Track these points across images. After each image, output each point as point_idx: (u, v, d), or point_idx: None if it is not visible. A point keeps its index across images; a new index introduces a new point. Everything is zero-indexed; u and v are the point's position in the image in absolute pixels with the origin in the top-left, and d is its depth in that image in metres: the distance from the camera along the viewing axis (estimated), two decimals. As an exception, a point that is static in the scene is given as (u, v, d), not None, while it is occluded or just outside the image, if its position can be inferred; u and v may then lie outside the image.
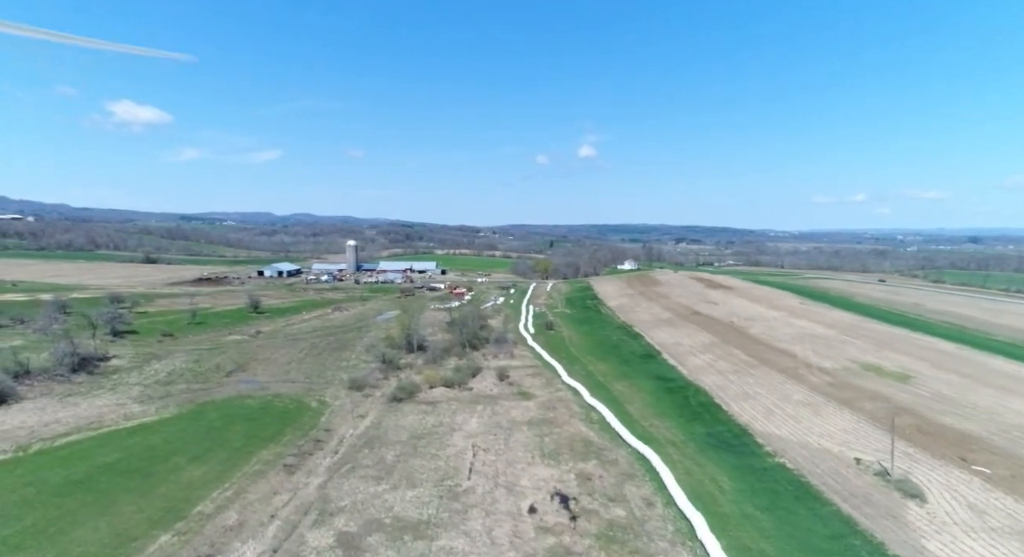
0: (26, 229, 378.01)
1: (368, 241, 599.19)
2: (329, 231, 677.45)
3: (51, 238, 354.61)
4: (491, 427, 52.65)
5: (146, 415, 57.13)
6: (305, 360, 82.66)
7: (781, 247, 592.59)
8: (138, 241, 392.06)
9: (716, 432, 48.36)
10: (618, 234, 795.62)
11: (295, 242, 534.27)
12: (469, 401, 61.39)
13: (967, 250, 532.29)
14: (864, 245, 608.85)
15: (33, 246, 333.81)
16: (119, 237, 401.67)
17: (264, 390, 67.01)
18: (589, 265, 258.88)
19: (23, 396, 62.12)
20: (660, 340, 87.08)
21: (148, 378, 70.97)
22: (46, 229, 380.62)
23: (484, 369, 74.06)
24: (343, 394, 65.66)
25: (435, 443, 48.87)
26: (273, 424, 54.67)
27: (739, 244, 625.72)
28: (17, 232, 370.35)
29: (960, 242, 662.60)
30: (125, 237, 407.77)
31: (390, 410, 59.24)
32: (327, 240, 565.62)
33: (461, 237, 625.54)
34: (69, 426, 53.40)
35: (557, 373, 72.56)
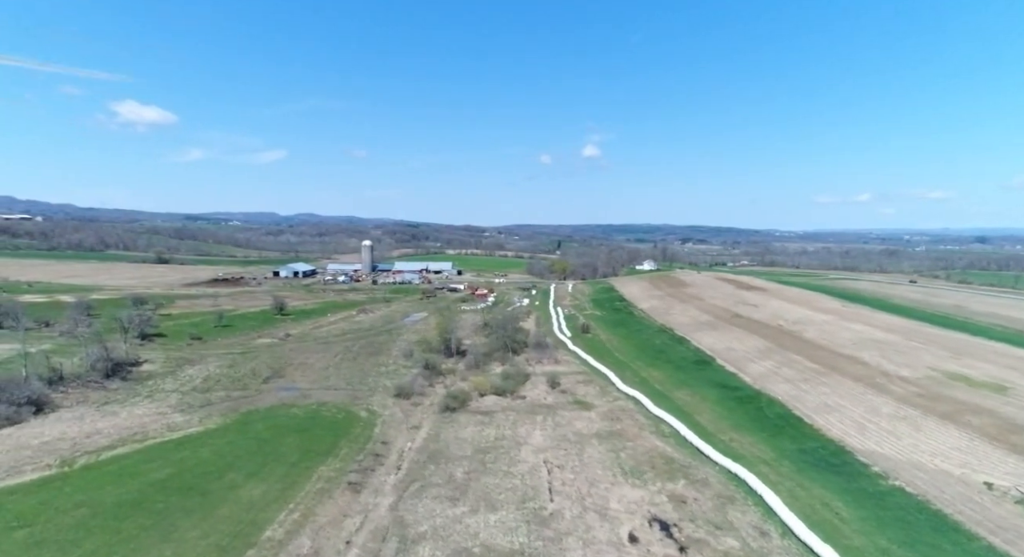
0: (36, 229, 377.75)
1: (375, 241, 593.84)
2: (335, 231, 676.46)
3: (61, 238, 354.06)
4: (558, 441, 49.51)
5: (190, 426, 54.35)
6: (342, 365, 79.82)
7: (788, 247, 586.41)
8: (147, 241, 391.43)
9: (808, 448, 45.09)
10: (622, 234, 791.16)
11: (301, 242, 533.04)
12: (526, 411, 58.27)
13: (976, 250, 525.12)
14: (871, 245, 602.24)
15: (43, 246, 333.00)
16: (128, 237, 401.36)
17: (307, 398, 64.16)
18: (607, 266, 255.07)
19: (59, 404, 59.54)
20: (709, 345, 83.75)
21: (184, 385, 68.29)
22: (56, 229, 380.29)
23: (532, 375, 70.93)
24: (390, 402, 62.71)
25: (503, 458, 45.77)
26: (326, 436, 51.75)
27: (745, 244, 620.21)
28: (27, 232, 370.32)
29: (967, 242, 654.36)
30: (134, 237, 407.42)
31: (444, 420, 56.22)
32: (333, 240, 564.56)
33: (468, 237, 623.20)
34: (112, 438, 50.68)
35: (610, 380, 69.36)
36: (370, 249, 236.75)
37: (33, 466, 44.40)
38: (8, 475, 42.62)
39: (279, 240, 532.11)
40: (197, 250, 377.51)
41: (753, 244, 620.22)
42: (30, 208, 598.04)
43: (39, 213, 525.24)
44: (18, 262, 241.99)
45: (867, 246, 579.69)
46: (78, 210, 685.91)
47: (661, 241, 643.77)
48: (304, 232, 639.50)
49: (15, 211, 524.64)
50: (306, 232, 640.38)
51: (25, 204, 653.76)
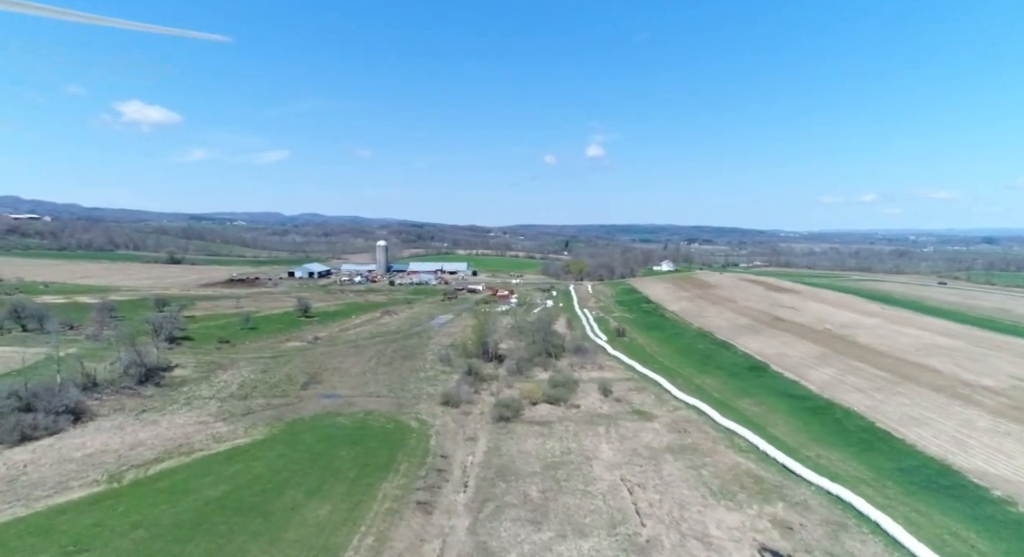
0: (45, 229, 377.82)
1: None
2: (340, 231, 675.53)
3: (71, 238, 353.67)
4: (629, 455, 46.60)
5: (236, 436, 51.74)
6: (378, 371, 77.16)
7: (795, 247, 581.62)
8: (156, 241, 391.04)
9: (909, 467, 41.97)
10: (627, 234, 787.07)
11: (307, 242, 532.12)
12: (584, 421, 55.38)
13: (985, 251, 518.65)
14: (878, 246, 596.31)
15: (54, 246, 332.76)
16: (138, 237, 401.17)
17: (351, 406, 61.48)
18: (624, 266, 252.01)
19: (96, 412, 57.06)
20: (757, 350, 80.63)
21: (221, 391, 65.77)
22: (65, 229, 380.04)
23: (580, 383, 68.05)
24: (439, 411, 59.95)
25: (576, 475, 42.89)
26: (380, 449, 49.03)
27: (752, 245, 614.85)
28: (37, 232, 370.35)
29: (975, 242, 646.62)
30: (143, 237, 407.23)
31: (501, 431, 53.40)
32: (339, 240, 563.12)
33: (473, 237, 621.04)
34: (157, 450, 48.13)
35: (663, 388, 66.42)
36: (384, 250, 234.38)
37: (80, 482, 41.89)
38: (56, 492, 40.13)
39: (285, 240, 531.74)
40: (206, 250, 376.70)
41: (759, 245, 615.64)
42: (35, 208, 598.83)
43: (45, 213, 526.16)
44: (30, 262, 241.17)
45: (874, 247, 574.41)
46: (83, 210, 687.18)
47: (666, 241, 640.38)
48: (309, 232, 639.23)
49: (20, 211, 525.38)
50: (311, 232, 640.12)
51: (30, 204, 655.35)
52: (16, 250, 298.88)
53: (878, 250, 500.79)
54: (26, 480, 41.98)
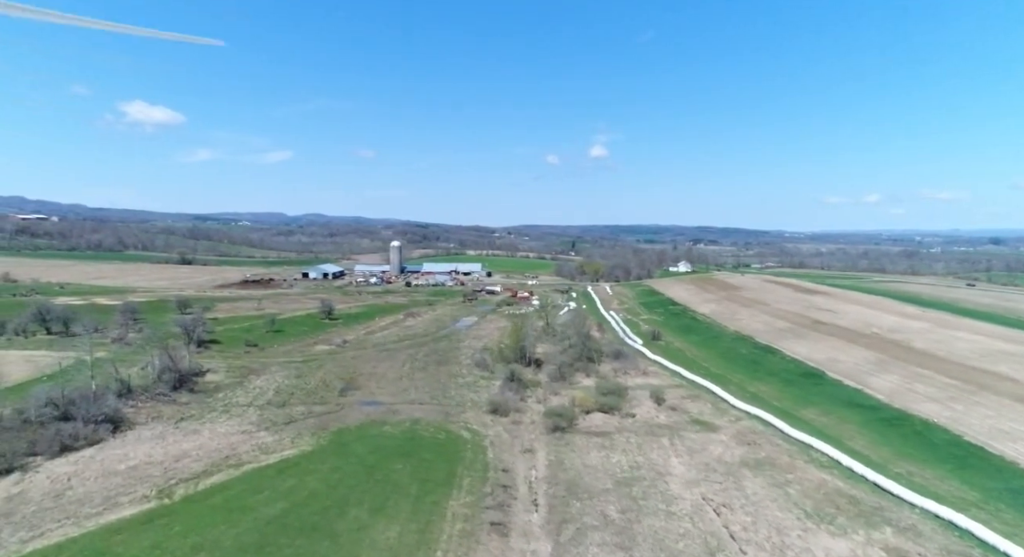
0: (54, 229, 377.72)
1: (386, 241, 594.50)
2: (345, 231, 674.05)
3: (79, 238, 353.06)
4: (704, 471, 43.93)
5: (283, 447, 49.38)
6: (415, 376, 74.73)
7: (802, 248, 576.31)
8: (165, 242, 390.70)
9: (1019, 488, 39.10)
10: (631, 235, 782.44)
11: (313, 242, 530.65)
12: (644, 432, 52.73)
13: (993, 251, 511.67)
14: (883, 246, 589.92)
15: (63, 246, 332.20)
16: (146, 238, 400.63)
17: (395, 414, 59.04)
18: (639, 267, 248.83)
19: (133, 420, 54.87)
20: (806, 355, 77.75)
21: (258, 398, 63.46)
22: (73, 229, 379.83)
23: (628, 389, 65.38)
24: (488, 420, 57.40)
25: (653, 493, 40.26)
26: (438, 462, 46.56)
27: (757, 245, 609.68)
28: (46, 232, 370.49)
29: (982, 243, 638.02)
30: (151, 238, 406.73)
31: (558, 443, 50.81)
32: (345, 240, 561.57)
33: (479, 238, 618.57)
34: (204, 462, 45.82)
35: (717, 396, 63.69)
36: (399, 250, 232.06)
37: (129, 497, 39.59)
38: (105, 508, 37.84)
39: (291, 240, 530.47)
40: (214, 251, 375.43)
41: (765, 245, 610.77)
42: (40, 208, 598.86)
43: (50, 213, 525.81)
44: (42, 262, 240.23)
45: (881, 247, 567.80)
46: (88, 210, 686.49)
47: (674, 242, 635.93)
48: (315, 232, 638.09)
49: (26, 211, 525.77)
50: (316, 232, 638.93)
51: (35, 204, 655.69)
52: (26, 250, 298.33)
53: (886, 251, 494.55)
54: (72, 495, 39.75)
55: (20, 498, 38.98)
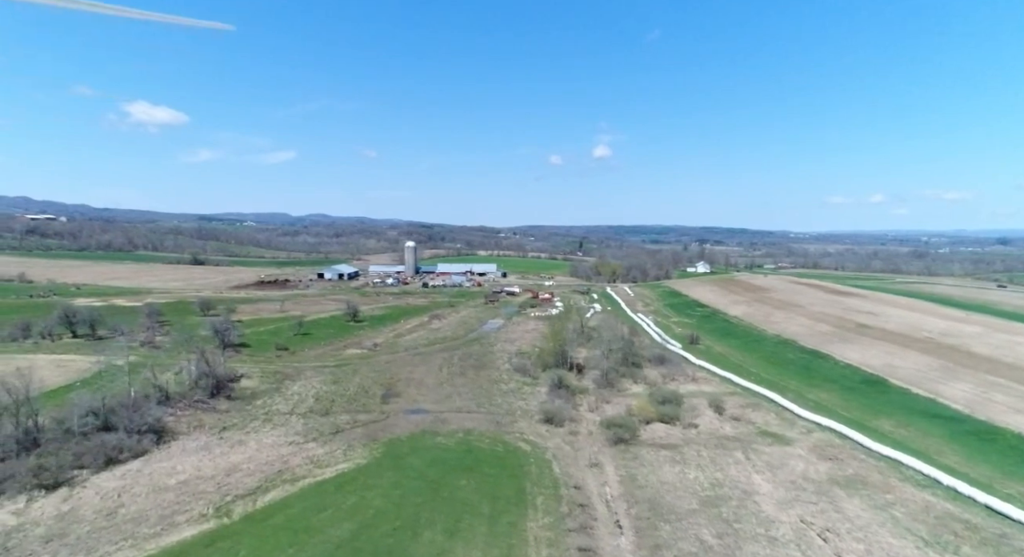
0: (64, 230, 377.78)
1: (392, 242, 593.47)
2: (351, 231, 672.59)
3: (89, 239, 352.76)
4: (792, 489, 41.11)
5: (335, 459, 46.88)
6: (455, 382, 72.15)
7: (808, 248, 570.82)
8: (174, 242, 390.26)
9: None
10: (635, 235, 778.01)
11: (319, 243, 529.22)
12: (713, 445, 49.94)
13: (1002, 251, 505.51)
14: (889, 247, 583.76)
15: (73, 247, 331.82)
16: (155, 238, 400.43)
17: (444, 423, 56.46)
18: (657, 268, 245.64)
19: (175, 430, 52.57)
20: (859, 360, 74.75)
21: (298, 405, 61.02)
22: (83, 230, 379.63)
23: (683, 397, 62.57)
24: (544, 431, 54.70)
25: (746, 515, 37.49)
26: (502, 477, 43.94)
27: (763, 246, 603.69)
28: (56, 232, 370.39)
29: (989, 243, 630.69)
30: (160, 238, 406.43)
31: (624, 456, 48.09)
32: (351, 241, 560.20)
33: (484, 238, 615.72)
34: (257, 476, 43.37)
35: (777, 404, 60.75)
36: (414, 250, 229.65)
37: (186, 516, 37.18)
38: (163, 529, 35.43)
39: (297, 241, 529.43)
40: (223, 251, 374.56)
41: (771, 246, 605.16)
42: (46, 208, 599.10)
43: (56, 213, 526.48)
44: (54, 263, 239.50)
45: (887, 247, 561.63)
46: (94, 210, 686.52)
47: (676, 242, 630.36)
48: (320, 233, 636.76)
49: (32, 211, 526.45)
50: (322, 233, 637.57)
51: (41, 204, 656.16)
52: (37, 251, 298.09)
53: (895, 251, 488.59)
54: (126, 514, 37.37)
55: (72, 516, 36.67)
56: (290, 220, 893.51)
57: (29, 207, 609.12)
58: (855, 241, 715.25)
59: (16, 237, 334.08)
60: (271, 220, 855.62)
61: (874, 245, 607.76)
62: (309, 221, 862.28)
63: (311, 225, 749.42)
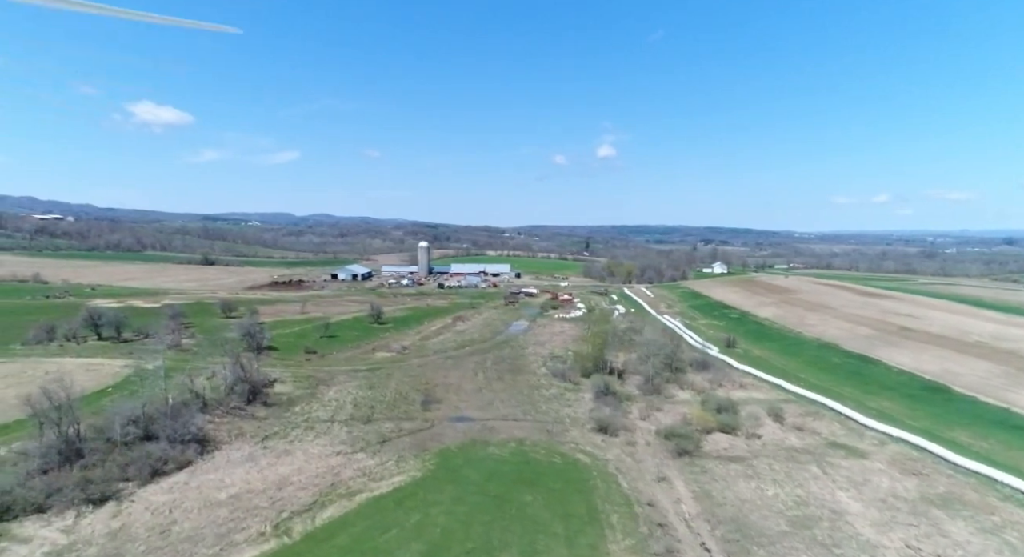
0: (72, 230, 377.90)
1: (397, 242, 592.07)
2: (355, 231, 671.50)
3: (98, 239, 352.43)
4: (884, 508, 38.49)
5: (389, 472, 44.55)
6: (493, 387, 69.77)
7: (815, 249, 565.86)
8: (182, 242, 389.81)
9: None
10: (639, 235, 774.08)
11: (324, 243, 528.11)
12: (783, 457, 47.42)
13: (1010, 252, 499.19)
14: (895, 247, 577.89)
15: (83, 247, 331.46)
16: (163, 238, 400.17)
17: (493, 432, 54.09)
18: (672, 268, 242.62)
19: (216, 438, 50.51)
20: (912, 366, 72.03)
21: (338, 412, 58.79)
22: (91, 229, 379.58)
23: (738, 404, 60.01)
24: (598, 441, 52.25)
25: (843, 539, 34.71)
26: (569, 492, 41.52)
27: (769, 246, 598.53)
28: (64, 232, 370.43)
29: (995, 244, 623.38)
30: (168, 238, 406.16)
31: (692, 470, 45.61)
32: (356, 240, 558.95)
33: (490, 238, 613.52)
34: (311, 490, 41.12)
35: (839, 413, 58.02)
36: (427, 251, 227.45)
37: (243, 534, 34.91)
38: (221, 549, 33.12)
39: (302, 240, 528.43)
40: (231, 251, 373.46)
41: (777, 246, 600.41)
42: (51, 208, 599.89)
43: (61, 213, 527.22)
44: (66, 263, 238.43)
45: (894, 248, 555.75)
46: (98, 210, 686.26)
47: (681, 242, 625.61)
48: (325, 232, 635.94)
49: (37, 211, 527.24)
50: (327, 233, 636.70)
51: (46, 204, 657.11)
52: (47, 251, 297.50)
53: (905, 252, 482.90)
54: (180, 532, 35.16)
55: (124, 534, 34.49)
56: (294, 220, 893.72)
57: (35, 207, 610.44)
58: (860, 241, 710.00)
59: (26, 237, 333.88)
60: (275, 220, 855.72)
61: (880, 245, 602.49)
62: (313, 221, 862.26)
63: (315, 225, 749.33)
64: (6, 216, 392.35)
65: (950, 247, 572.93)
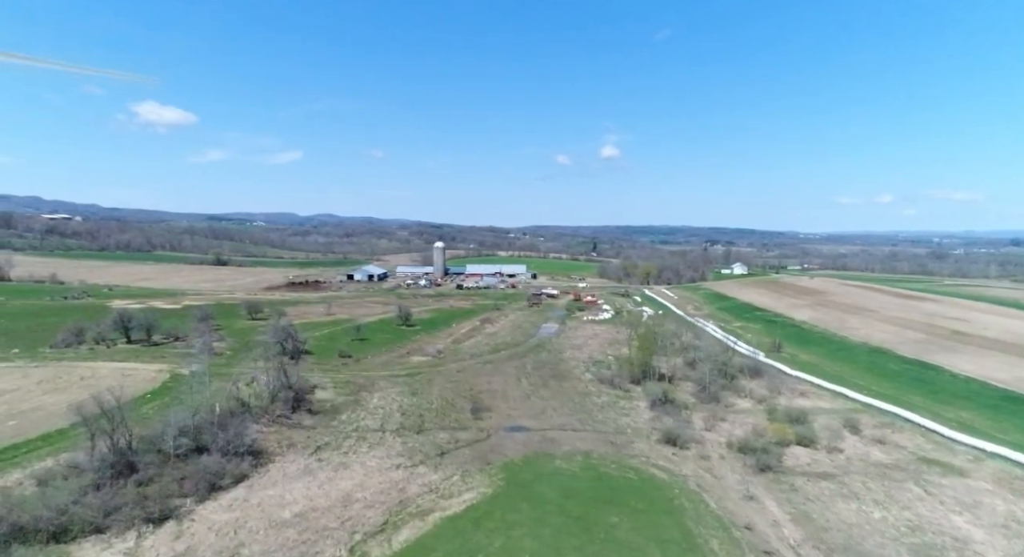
0: (82, 230, 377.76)
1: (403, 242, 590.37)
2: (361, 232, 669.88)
3: (108, 239, 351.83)
4: (1010, 535, 35.20)
5: (456, 488, 41.73)
6: (540, 393, 66.90)
7: (822, 249, 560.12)
8: (192, 242, 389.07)
9: None
10: (643, 235, 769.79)
11: (330, 243, 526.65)
12: (875, 474, 44.30)
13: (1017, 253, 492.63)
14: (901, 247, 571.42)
15: (93, 247, 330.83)
16: (172, 238, 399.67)
17: (554, 444, 51.15)
18: (690, 269, 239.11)
19: (268, 450, 47.95)
20: (981, 373, 68.59)
21: (386, 420, 56.01)
22: (101, 229, 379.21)
23: (808, 414, 56.93)
24: (669, 454, 49.24)
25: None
26: (655, 513, 38.58)
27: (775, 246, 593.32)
28: (75, 232, 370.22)
29: (1002, 245, 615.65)
30: (177, 238, 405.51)
31: (780, 487, 42.54)
32: (362, 240, 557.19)
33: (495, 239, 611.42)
34: (378, 509, 38.28)
35: (917, 424, 54.81)
36: (442, 251, 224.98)
37: (320, 562, 32.38)
38: (299, 579, 30.63)
39: (308, 241, 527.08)
40: (240, 251, 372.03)
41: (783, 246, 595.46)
42: (57, 208, 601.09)
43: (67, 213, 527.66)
44: (79, 263, 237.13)
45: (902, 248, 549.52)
46: (103, 210, 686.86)
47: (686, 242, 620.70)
48: (330, 232, 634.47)
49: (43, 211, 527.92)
50: (332, 232, 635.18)
51: (52, 204, 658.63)
52: (59, 251, 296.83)
53: (915, 253, 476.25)
54: (250, 556, 32.63)
55: (191, 561, 31.97)
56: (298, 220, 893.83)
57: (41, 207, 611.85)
58: (865, 242, 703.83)
59: (36, 237, 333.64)
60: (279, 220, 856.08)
61: (886, 246, 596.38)
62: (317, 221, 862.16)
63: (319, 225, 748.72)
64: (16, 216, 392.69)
65: (957, 248, 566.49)
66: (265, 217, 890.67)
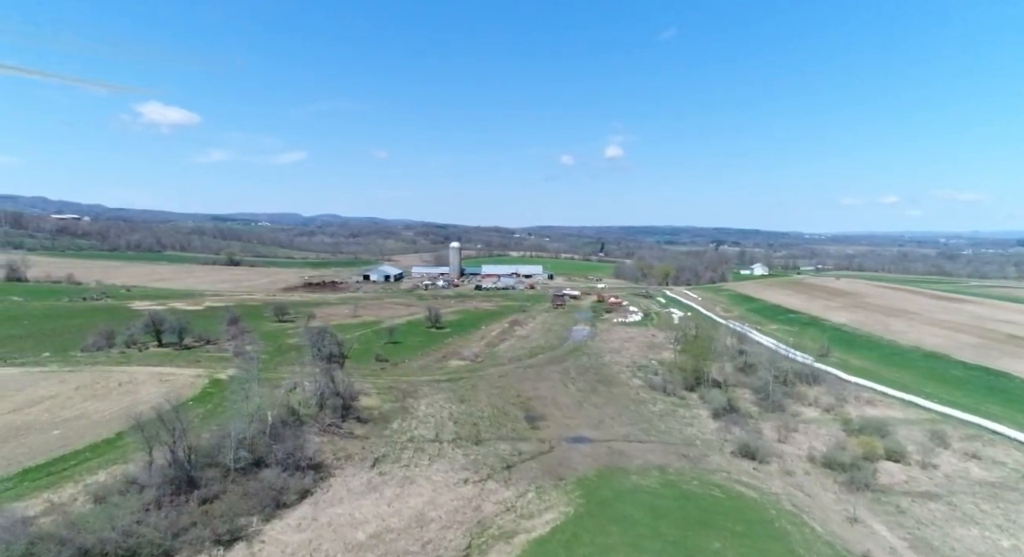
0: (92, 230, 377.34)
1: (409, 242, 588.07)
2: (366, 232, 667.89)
3: (118, 239, 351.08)
4: None
5: (533, 507, 38.76)
6: (591, 400, 63.93)
7: (829, 250, 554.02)
8: (201, 242, 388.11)
9: None
10: (648, 236, 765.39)
11: (337, 243, 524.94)
12: (984, 494, 41.04)
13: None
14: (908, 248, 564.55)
15: (103, 247, 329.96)
16: (181, 238, 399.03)
17: (622, 456, 48.20)
18: (711, 270, 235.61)
19: (325, 463, 45.27)
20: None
21: (441, 430, 53.16)
22: (111, 230, 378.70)
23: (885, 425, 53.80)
24: (749, 468, 46.11)
25: None
26: (758, 537, 35.47)
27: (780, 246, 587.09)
28: (85, 232, 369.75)
29: (1009, 245, 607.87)
30: (186, 238, 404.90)
31: (885, 508, 39.30)
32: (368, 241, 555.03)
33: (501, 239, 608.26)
34: (456, 529, 35.41)
35: (1009, 437, 51.51)
36: (458, 252, 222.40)
37: (409, 593, 29.61)
38: (393, 614, 27.86)
39: (314, 241, 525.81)
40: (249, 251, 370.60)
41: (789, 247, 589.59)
42: (63, 208, 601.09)
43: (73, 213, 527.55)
44: (92, 263, 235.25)
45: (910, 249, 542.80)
46: (109, 210, 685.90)
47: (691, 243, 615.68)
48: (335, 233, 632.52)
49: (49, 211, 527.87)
50: (337, 233, 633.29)
51: (57, 204, 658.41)
52: (70, 251, 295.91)
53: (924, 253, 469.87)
54: (333, 588, 29.91)
55: (271, 592, 29.23)
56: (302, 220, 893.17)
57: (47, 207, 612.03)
58: (871, 242, 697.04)
59: (47, 237, 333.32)
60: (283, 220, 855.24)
61: (892, 247, 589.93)
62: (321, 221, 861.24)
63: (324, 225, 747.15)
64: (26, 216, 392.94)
65: (964, 248, 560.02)
66: (269, 217, 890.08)
